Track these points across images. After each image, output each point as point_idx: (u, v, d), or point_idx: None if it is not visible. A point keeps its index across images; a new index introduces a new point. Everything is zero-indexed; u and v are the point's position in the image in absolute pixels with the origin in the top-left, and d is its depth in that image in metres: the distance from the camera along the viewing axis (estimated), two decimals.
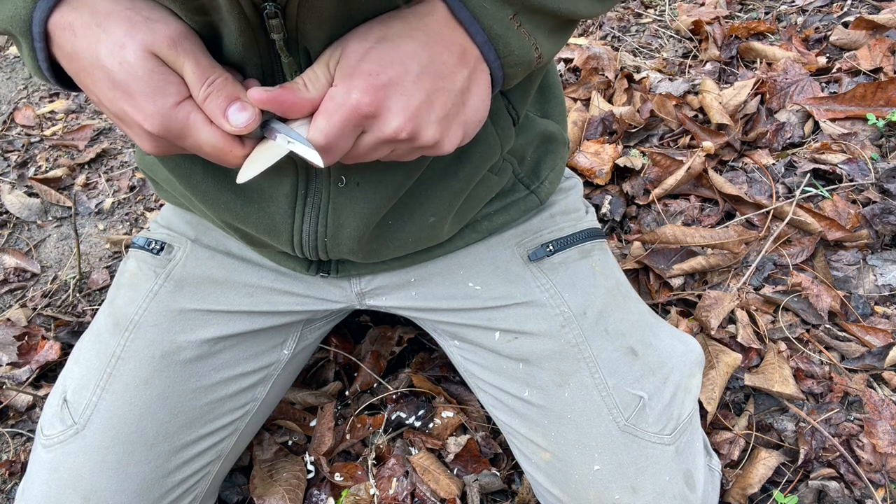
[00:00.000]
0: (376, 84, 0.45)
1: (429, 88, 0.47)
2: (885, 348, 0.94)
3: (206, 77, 0.45)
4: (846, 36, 1.44)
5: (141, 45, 0.44)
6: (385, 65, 0.46)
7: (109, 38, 0.44)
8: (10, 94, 1.74)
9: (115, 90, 0.46)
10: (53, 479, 0.68)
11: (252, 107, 0.45)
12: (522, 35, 0.50)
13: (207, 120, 0.46)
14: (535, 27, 0.51)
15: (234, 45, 0.47)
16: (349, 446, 0.97)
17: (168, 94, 0.45)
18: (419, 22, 0.47)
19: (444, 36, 0.48)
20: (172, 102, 0.45)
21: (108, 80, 0.46)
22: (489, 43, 0.49)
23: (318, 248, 0.67)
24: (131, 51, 0.44)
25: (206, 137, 0.46)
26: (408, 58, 0.46)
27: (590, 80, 1.50)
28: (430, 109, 0.48)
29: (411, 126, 0.47)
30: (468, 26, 0.48)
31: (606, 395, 0.70)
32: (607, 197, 1.23)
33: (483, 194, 0.72)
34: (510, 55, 0.50)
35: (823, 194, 1.14)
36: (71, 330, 1.15)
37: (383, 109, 0.46)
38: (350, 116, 0.45)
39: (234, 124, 0.45)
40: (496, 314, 0.76)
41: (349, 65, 0.46)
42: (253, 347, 0.79)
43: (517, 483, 0.91)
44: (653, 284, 1.11)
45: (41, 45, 0.47)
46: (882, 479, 0.84)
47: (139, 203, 1.45)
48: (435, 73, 0.47)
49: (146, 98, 0.45)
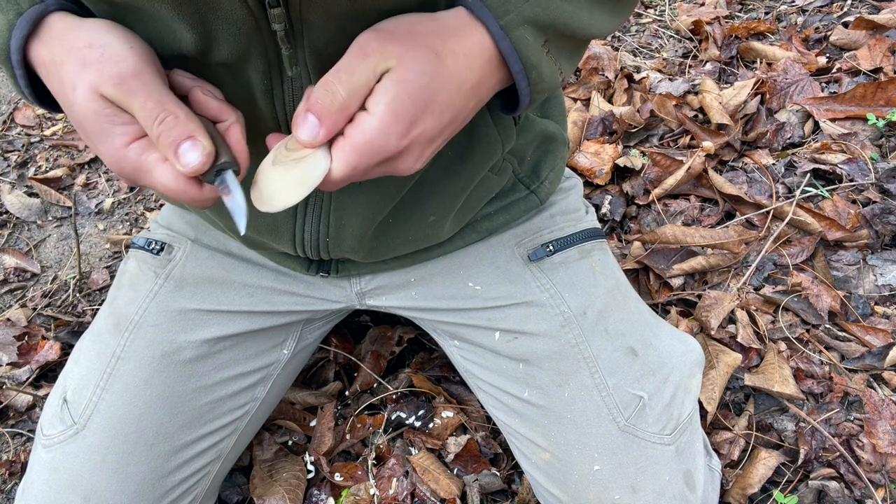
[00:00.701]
0: (412, 134, 0.44)
1: (445, 136, 0.48)
2: (885, 348, 0.94)
3: (155, 115, 0.43)
4: (846, 36, 1.44)
5: (88, 86, 0.43)
6: (427, 111, 0.44)
7: (64, 79, 0.44)
8: (10, 94, 1.74)
9: (79, 128, 0.46)
10: (53, 479, 0.68)
11: (204, 146, 0.43)
12: (551, 61, 0.50)
13: (161, 159, 0.45)
14: (560, 52, 0.51)
15: (235, 39, 0.47)
16: (349, 446, 0.97)
17: (115, 136, 0.44)
18: (465, 57, 0.46)
19: (476, 69, 0.47)
20: (121, 143, 0.44)
21: (70, 117, 0.46)
22: (524, 72, 0.49)
23: (320, 248, 0.67)
24: (80, 92, 0.44)
25: (160, 177, 0.45)
26: (446, 107, 0.46)
27: (590, 80, 1.50)
28: (434, 151, 0.49)
29: (418, 166, 0.48)
30: (507, 56, 0.48)
31: (606, 395, 0.70)
32: (607, 197, 1.23)
33: (483, 194, 0.72)
34: (541, 82, 0.50)
35: (823, 194, 1.14)
36: (71, 330, 1.15)
37: (406, 154, 0.46)
38: (384, 158, 0.45)
39: (183, 164, 0.43)
40: (496, 314, 0.76)
41: (397, 99, 0.43)
42: (253, 347, 0.79)
43: (517, 483, 0.91)
44: (653, 284, 1.11)
45: (21, 71, 0.47)
46: (882, 479, 0.84)
47: (139, 203, 1.45)
48: (457, 122, 0.48)
49: (96, 139, 0.45)
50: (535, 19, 0.47)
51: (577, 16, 0.50)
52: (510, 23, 0.47)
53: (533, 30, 0.48)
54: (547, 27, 0.48)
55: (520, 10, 0.47)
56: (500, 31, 0.47)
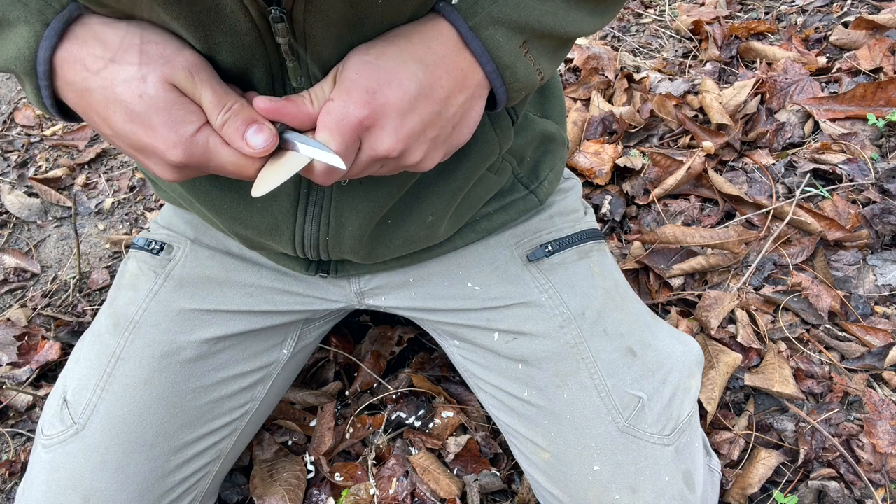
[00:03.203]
0: (373, 102, 0.46)
1: (424, 112, 0.48)
2: (885, 348, 0.94)
3: (223, 103, 0.46)
4: (846, 36, 1.44)
5: (160, 76, 0.45)
6: (384, 83, 0.46)
7: (127, 72, 0.45)
8: (10, 94, 1.74)
9: (132, 123, 0.46)
10: (53, 479, 0.69)
11: (269, 128, 0.46)
12: (528, 61, 0.51)
13: (223, 143, 0.47)
14: (540, 52, 0.52)
15: (238, 51, 0.47)
16: (349, 446, 0.97)
17: (189, 123, 0.46)
18: (424, 43, 0.48)
19: (448, 60, 0.48)
20: (193, 129, 0.46)
21: (126, 113, 0.46)
22: (497, 72, 0.50)
23: (320, 248, 0.67)
24: (152, 83, 0.45)
25: (227, 157, 0.47)
26: (406, 79, 0.47)
27: (590, 80, 1.50)
28: (423, 132, 0.49)
29: (402, 146, 0.48)
30: (478, 56, 0.49)
31: (605, 395, 0.70)
32: (607, 197, 1.23)
33: (482, 194, 0.72)
34: (516, 82, 0.51)
35: (823, 194, 1.14)
36: (71, 330, 1.16)
37: (378, 126, 0.47)
38: (354, 131, 0.46)
39: (253, 146, 0.46)
40: (495, 314, 0.76)
41: (347, 78, 0.46)
42: (252, 347, 0.79)
43: (517, 483, 0.91)
44: (653, 284, 1.11)
45: (45, 83, 0.47)
46: (882, 479, 0.84)
47: (139, 203, 1.45)
48: (432, 98, 0.48)
49: (168, 128, 0.46)
50: (505, 19, 0.48)
51: (552, 15, 0.50)
52: (479, 24, 0.48)
53: (506, 30, 0.49)
54: (522, 27, 0.49)
55: (488, 10, 0.48)
56: (469, 31, 0.48)
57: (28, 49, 0.45)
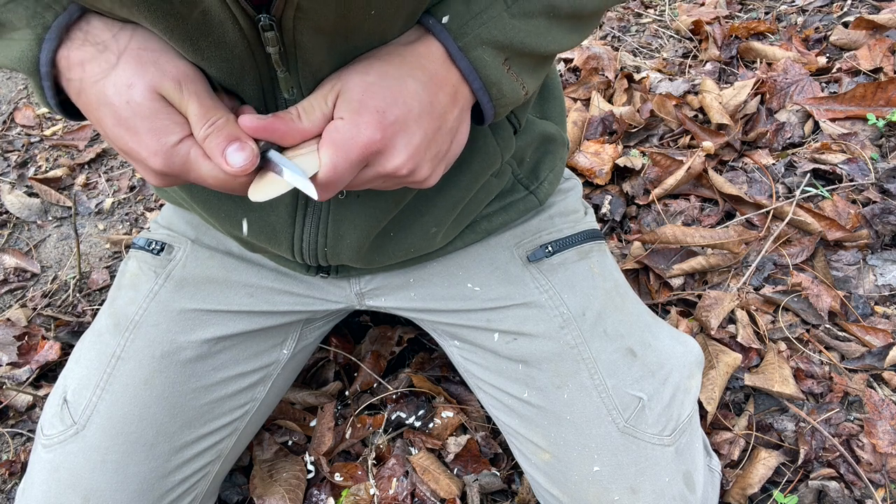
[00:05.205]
0: (384, 122, 0.46)
1: (427, 128, 0.49)
2: (885, 348, 0.94)
3: (208, 117, 0.46)
4: (846, 36, 1.44)
5: (148, 84, 0.45)
6: (390, 103, 0.47)
7: (119, 77, 0.45)
8: (10, 94, 1.74)
9: (119, 127, 0.46)
10: (53, 479, 0.69)
11: (251, 147, 0.46)
12: (512, 77, 0.52)
13: (204, 155, 0.47)
14: (522, 69, 0.53)
15: (228, 63, 0.47)
16: (349, 446, 0.97)
17: (171, 133, 0.46)
18: (418, 62, 0.49)
19: (441, 77, 0.49)
20: (175, 140, 0.46)
21: (114, 117, 0.46)
22: (484, 89, 0.51)
23: (318, 256, 0.68)
24: (139, 90, 0.45)
25: (208, 171, 0.47)
26: (410, 97, 0.47)
27: (590, 80, 1.50)
28: (428, 148, 0.50)
29: (412, 164, 0.49)
30: (466, 74, 0.50)
31: (606, 396, 0.70)
32: (607, 197, 1.23)
33: (482, 197, 0.73)
34: (502, 98, 0.52)
35: (823, 194, 1.14)
36: (71, 330, 1.16)
37: (389, 147, 0.47)
38: (362, 152, 0.46)
39: (231, 164, 0.45)
40: (495, 315, 0.76)
41: (354, 98, 0.46)
42: (253, 347, 0.79)
43: (517, 483, 0.91)
44: (653, 284, 1.11)
45: (48, 83, 0.47)
46: (882, 479, 0.84)
47: (139, 203, 1.45)
48: (433, 114, 0.49)
49: (151, 136, 0.46)
50: (492, 41, 0.49)
51: (534, 35, 0.52)
52: (468, 44, 0.49)
53: (491, 50, 0.50)
54: (505, 47, 0.50)
55: (477, 32, 0.49)
56: (458, 51, 0.49)
57: (31, 51, 0.45)
